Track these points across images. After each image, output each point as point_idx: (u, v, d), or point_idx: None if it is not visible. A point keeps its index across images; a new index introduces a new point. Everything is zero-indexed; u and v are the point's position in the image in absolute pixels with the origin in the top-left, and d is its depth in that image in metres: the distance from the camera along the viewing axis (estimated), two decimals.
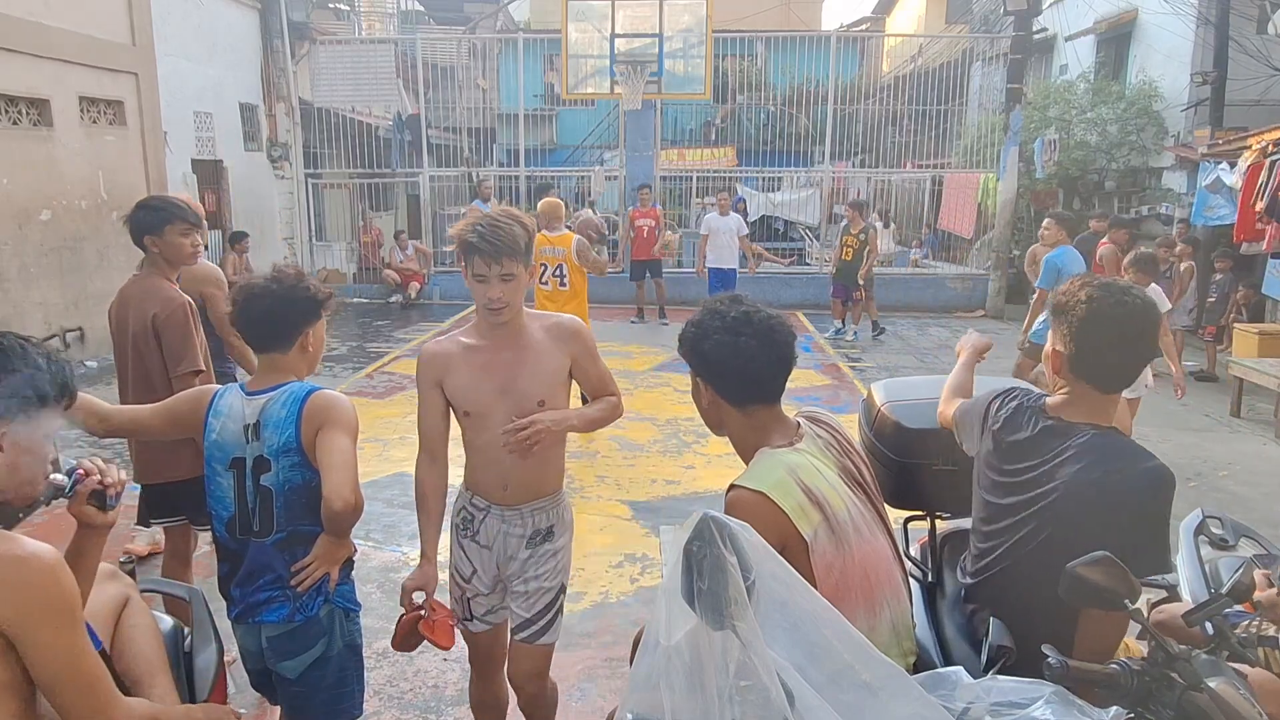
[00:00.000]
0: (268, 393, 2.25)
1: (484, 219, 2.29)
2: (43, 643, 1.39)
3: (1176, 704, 1.41)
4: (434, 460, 2.48)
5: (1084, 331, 1.86)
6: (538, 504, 2.50)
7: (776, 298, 12.22)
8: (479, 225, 2.27)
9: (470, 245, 2.27)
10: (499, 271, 2.27)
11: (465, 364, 2.40)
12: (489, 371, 2.39)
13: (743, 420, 1.92)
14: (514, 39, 15.79)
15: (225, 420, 2.25)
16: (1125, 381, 1.93)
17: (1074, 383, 1.92)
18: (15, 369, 1.49)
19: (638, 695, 1.37)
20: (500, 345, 2.41)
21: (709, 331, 1.89)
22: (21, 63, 7.62)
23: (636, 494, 5.47)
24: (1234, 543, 2.78)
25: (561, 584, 2.54)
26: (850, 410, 6.27)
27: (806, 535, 1.74)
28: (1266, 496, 5.52)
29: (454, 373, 2.40)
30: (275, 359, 2.30)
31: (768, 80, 18.24)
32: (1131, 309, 1.84)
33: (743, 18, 17.54)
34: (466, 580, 2.54)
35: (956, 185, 14.00)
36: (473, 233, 2.27)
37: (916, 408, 2.58)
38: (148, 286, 3.28)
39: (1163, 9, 11.46)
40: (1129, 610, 1.50)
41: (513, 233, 2.28)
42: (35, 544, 1.41)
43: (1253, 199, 8.42)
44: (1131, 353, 1.89)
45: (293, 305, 2.27)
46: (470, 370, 2.39)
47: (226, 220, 11.84)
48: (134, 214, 3.29)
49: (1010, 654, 1.85)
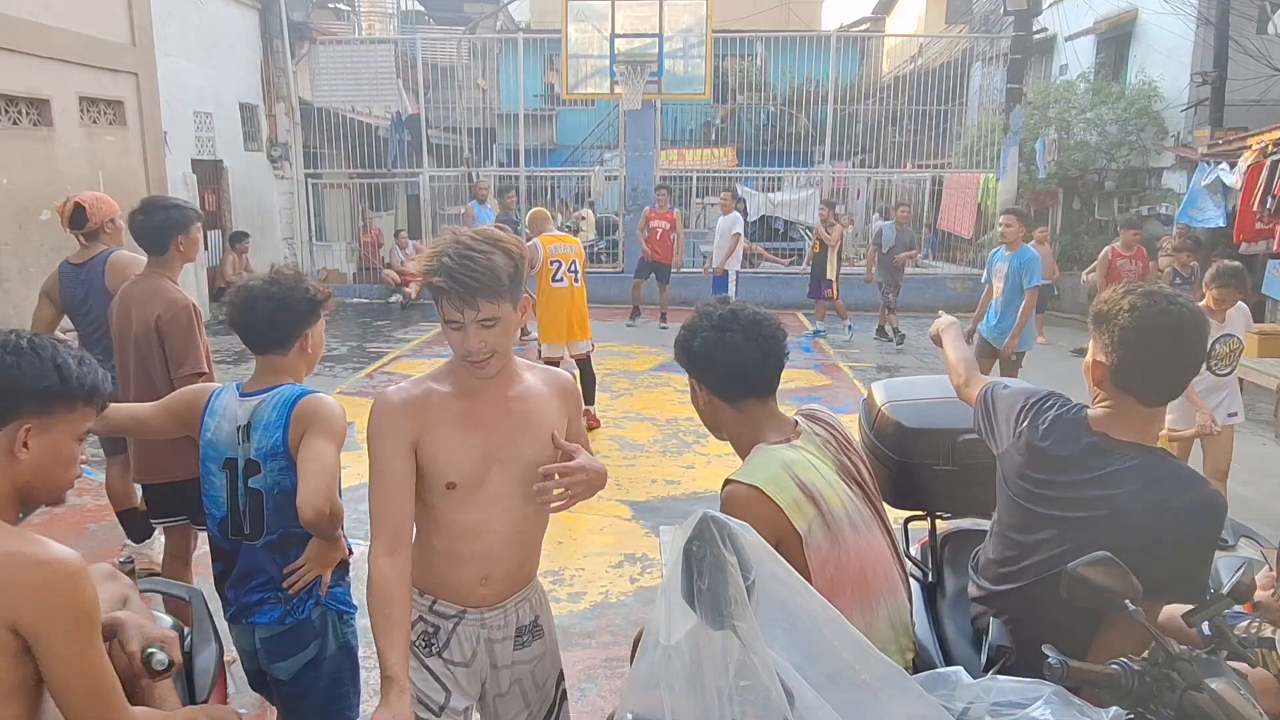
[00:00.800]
0: (261, 394, 2.25)
1: (453, 246, 1.73)
2: (59, 648, 1.39)
3: (1177, 704, 1.41)
4: (395, 551, 1.78)
5: (1127, 341, 1.76)
6: (520, 595, 2.00)
7: (776, 298, 12.22)
8: (446, 257, 1.72)
9: (437, 289, 1.73)
10: (476, 316, 1.73)
11: (449, 419, 1.84)
12: (479, 430, 1.85)
13: (737, 416, 1.95)
14: (514, 39, 15.78)
15: (220, 420, 2.25)
16: (1170, 395, 1.83)
17: (1116, 395, 1.82)
18: (45, 370, 1.49)
19: (638, 695, 1.37)
20: (491, 399, 1.87)
21: (697, 331, 1.93)
22: (21, 63, 7.62)
23: (636, 494, 5.47)
24: (1234, 543, 2.78)
25: (560, 675, 2.12)
26: (850, 410, 6.27)
27: (800, 529, 1.75)
28: (1266, 496, 5.52)
29: (435, 429, 1.82)
30: (274, 361, 2.30)
31: (768, 80, 18.24)
32: (1178, 317, 1.75)
33: (743, 18, 17.55)
34: (439, 711, 1.92)
35: (956, 185, 13.99)
36: (438, 271, 1.71)
37: (917, 408, 2.59)
38: (152, 287, 3.26)
39: (1163, 9, 11.46)
40: (1129, 610, 1.50)
41: (492, 265, 1.72)
42: (60, 548, 1.41)
43: (1253, 199, 8.41)
44: (1178, 365, 1.78)
45: (292, 307, 2.26)
46: (457, 428, 1.84)
47: (226, 220, 11.84)
48: (157, 214, 3.24)
49: (1010, 654, 1.85)
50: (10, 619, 1.36)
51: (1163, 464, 1.79)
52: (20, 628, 1.37)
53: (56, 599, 1.37)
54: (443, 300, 1.73)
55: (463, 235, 1.78)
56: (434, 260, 1.73)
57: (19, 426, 1.46)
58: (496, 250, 1.75)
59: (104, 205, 4.02)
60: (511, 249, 1.78)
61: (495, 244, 1.76)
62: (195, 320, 3.22)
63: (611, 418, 7.09)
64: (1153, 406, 1.83)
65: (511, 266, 1.76)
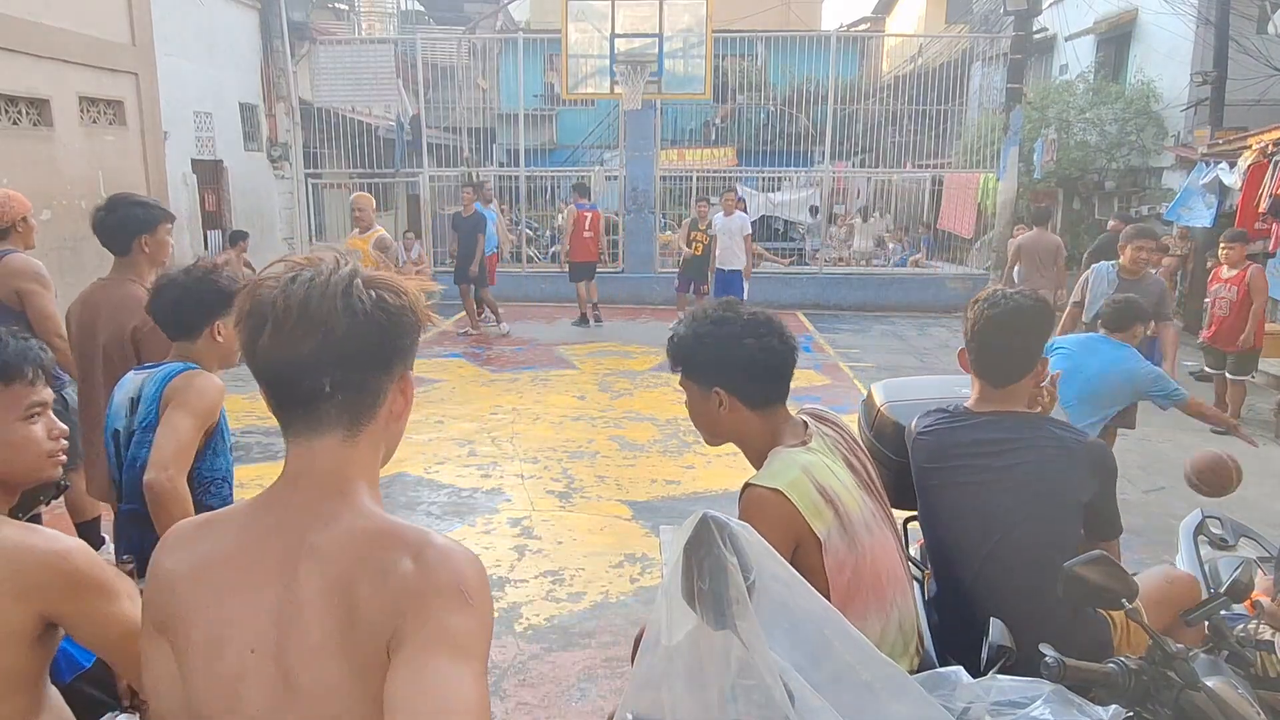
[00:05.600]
0: (153, 368, 2.39)
1: (278, 296, 1.03)
2: (97, 615, 1.45)
3: (1174, 703, 1.41)
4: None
5: (973, 334, 2.16)
6: None
7: (777, 298, 12.22)
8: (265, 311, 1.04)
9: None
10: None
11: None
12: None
13: (760, 422, 1.92)
14: (514, 39, 15.77)
15: (120, 392, 2.40)
16: (1008, 378, 2.14)
17: (976, 379, 2.20)
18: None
19: (638, 695, 1.37)
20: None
21: (725, 336, 1.87)
22: (21, 63, 7.62)
23: (636, 494, 5.47)
24: (1234, 543, 2.79)
25: None
26: (850, 410, 6.27)
27: (820, 534, 1.75)
28: (1266, 496, 5.52)
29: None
30: (184, 347, 2.42)
31: (768, 80, 18.22)
32: (1011, 313, 2.11)
33: (743, 18, 17.54)
34: None
35: (956, 185, 13.99)
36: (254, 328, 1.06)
37: (916, 408, 2.59)
38: (125, 294, 3.07)
39: (1163, 9, 11.46)
40: (1127, 610, 1.50)
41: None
42: (67, 538, 1.48)
43: (1257, 199, 8.41)
44: (1014, 352, 2.14)
45: (202, 297, 2.38)
46: None
47: (226, 220, 11.84)
48: (119, 212, 3.08)
49: (1010, 654, 1.85)
50: (38, 607, 1.40)
51: (1035, 417, 2.17)
52: (50, 613, 1.41)
53: (81, 578, 1.43)
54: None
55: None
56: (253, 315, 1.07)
57: None
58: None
59: (14, 204, 3.86)
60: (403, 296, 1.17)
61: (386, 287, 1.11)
62: None
63: (611, 418, 7.10)
64: (1001, 388, 2.15)
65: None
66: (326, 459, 1.07)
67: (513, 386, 8.16)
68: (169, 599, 1.09)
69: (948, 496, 2.12)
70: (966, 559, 2.05)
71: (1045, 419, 2.13)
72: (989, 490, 2.04)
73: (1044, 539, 1.98)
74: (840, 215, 16.33)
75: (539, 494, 5.44)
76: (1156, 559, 3.57)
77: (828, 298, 13.08)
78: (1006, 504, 2.01)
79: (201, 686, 1.06)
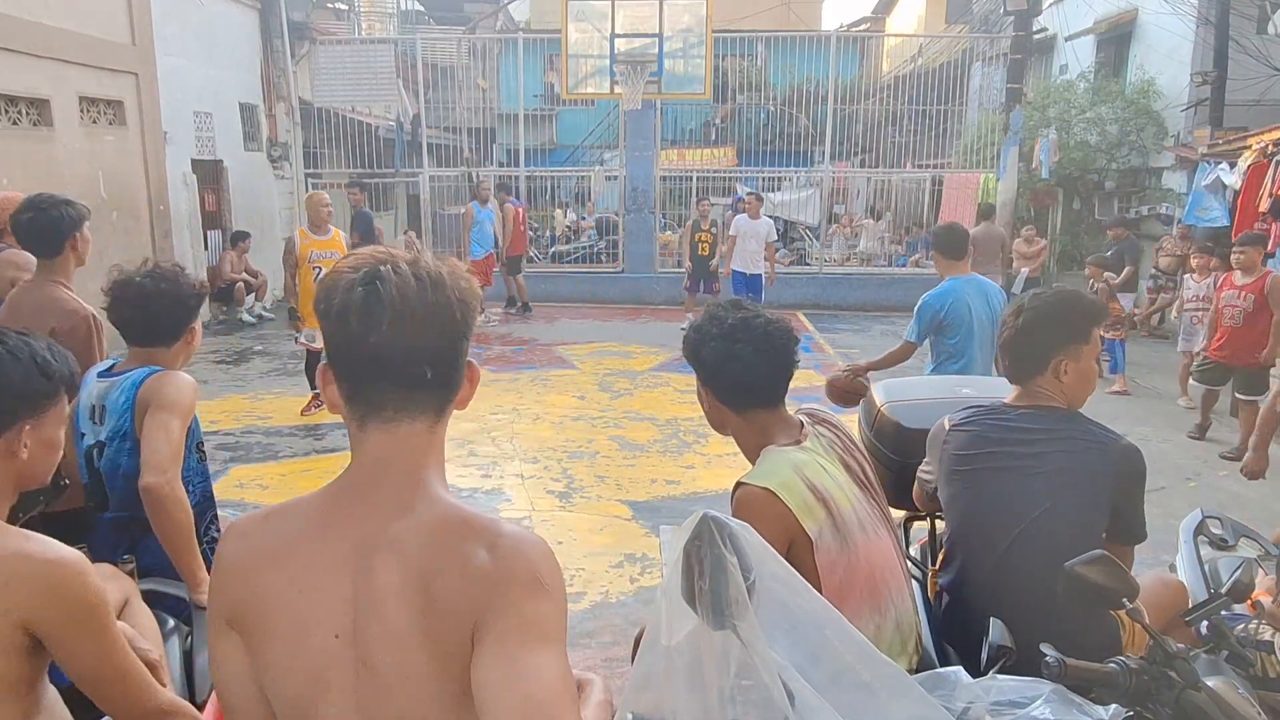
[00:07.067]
0: (118, 377, 2.30)
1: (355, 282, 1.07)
2: (78, 643, 1.42)
3: (1175, 703, 1.41)
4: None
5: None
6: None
7: (777, 298, 12.17)
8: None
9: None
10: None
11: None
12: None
13: (742, 423, 1.95)
14: (514, 39, 15.77)
15: (83, 392, 2.32)
16: (1020, 375, 2.15)
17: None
18: (30, 370, 1.51)
19: (638, 695, 1.37)
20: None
21: (707, 337, 1.92)
22: (21, 63, 7.62)
23: (636, 494, 5.47)
24: (1234, 543, 2.78)
25: None
26: (850, 410, 6.27)
27: (811, 533, 1.75)
28: (1266, 496, 5.52)
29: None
30: (155, 352, 2.35)
31: (768, 80, 18.22)
32: (1019, 313, 2.16)
33: (743, 18, 17.53)
34: None
35: (956, 185, 13.98)
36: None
37: (916, 408, 2.59)
38: (48, 296, 2.95)
39: (1163, 9, 11.45)
40: (1128, 609, 1.50)
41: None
42: (63, 547, 1.44)
43: (1258, 198, 8.40)
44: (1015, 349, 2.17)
45: (186, 302, 2.34)
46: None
47: (226, 220, 11.83)
48: (51, 212, 2.94)
49: (1010, 654, 1.85)
50: (23, 617, 1.37)
51: (1070, 413, 2.15)
52: (34, 626, 1.38)
53: (68, 595, 1.40)
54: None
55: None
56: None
57: (20, 429, 1.49)
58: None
59: (13, 204, 3.67)
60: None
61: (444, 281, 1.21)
62: (95, 332, 2.95)
63: (611, 418, 7.10)
64: (1021, 385, 2.18)
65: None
66: (411, 446, 1.11)
67: (513, 386, 8.16)
68: (242, 592, 1.10)
69: (976, 482, 2.10)
70: (990, 545, 2.02)
71: (1081, 416, 2.11)
72: (1018, 476, 2.02)
73: (1068, 530, 1.95)
74: (841, 216, 16.33)
75: (539, 494, 5.44)
76: (1156, 559, 3.57)
77: (828, 298, 13.07)
78: (1034, 489, 1.99)
79: (285, 676, 1.08)
